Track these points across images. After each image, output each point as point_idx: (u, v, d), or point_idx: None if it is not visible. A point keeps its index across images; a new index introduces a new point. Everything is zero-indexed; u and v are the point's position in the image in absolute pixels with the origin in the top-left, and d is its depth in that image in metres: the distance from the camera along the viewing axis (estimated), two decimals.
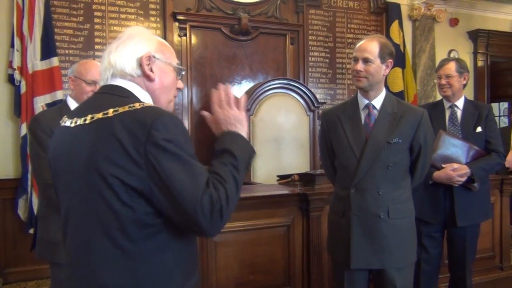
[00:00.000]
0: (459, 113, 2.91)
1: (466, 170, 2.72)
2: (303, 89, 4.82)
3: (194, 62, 4.94)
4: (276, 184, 3.65)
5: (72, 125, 1.23)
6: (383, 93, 2.26)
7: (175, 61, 1.36)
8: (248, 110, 4.53)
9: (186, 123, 4.89)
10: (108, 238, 1.14)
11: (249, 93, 4.60)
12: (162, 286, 1.19)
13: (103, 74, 1.28)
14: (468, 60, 6.63)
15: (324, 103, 5.39)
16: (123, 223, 1.14)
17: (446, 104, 2.95)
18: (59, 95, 4.11)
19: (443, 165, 2.76)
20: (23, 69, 4.04)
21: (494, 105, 7.25)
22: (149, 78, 1.27)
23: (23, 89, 4.04)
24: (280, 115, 4.70)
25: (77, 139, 1.20)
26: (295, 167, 4.38)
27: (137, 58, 1.26)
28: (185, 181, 1.12)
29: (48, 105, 4.05)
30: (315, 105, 4.85)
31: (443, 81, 2.90)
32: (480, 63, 6.70)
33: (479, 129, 2.83)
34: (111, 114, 1.15)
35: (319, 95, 5.43)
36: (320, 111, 5.08)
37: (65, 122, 1.28)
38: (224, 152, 1.26)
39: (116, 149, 1.12)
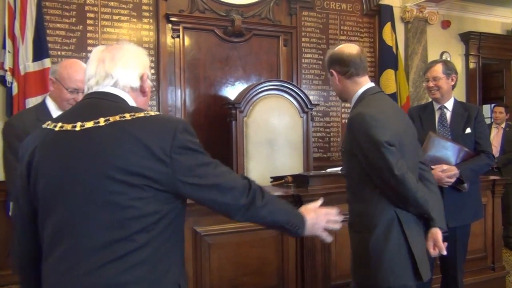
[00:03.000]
0: (448, 115, 2.93)
1: (455, 171, 2.74)
2: (297, 90, 4.82)
3: (187, 64, 4.94)
4: (269, 185, 3.65)
5: (77, 128, 1.26)
6: None
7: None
8: (241, 111, 4.53)
9: None
10: (118, 236, 1.20)
11: (242, 94, 4.60)
12: (166, 277, 1.28)
13: (96, 80, 1.35)
14: (460, 62, 6.68)
15: (318, 104, 5.40)
16: (134, 222, 1.21)
17: (436, 106, 2.98)
18: None
19: (432, 167, 2.77)
20: (15, 70, 4.01)
21: (486, 107, 7.30)
22: (144, 93, 1.42)
23: (15, 90, 4.01)
24: (273, 117, 4.70)
25: (85, 142, 1.24)
26: (288, 169, 4.39)
27: (139, 74, 1.39)
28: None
29: None
30: (309, 106, 4.86)
31: (431, 84, 2.92)
32: (471, 65, 6.75)
33: (468, 130, 2.84)
34: (129, 118, 1.25)
35: (313, 96, 5.44)
36: (313, 113, 5.11)
37: (61, 127, 1.29)
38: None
39: (140, 150, 1.21)
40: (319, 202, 1.69)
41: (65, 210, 1.23)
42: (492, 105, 7.47)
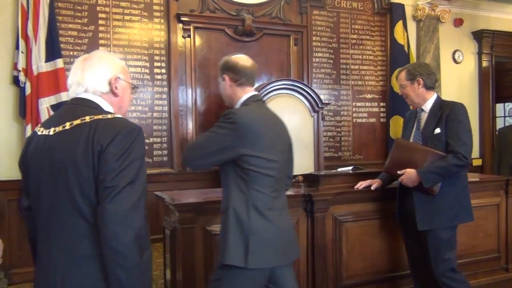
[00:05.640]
0: (424, 117, 2.90)
1: (413, 174, 2.73)
2: (307, 90, 4.81)
3: (198, 63, 4.95)
4: None
5: (51, 133, 1.50)
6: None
7: (130, 80, 1.70)
8: None
9: (190, 124, 4.90)
10: (81, 216, 1.42)
11: None
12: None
13: (73, 87, 1.58)
14: (472, 60, 6.62)
15: (328, 103, 5.38)
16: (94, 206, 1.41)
17: (418, 110, 2.98)
18: (63, 96, 4.11)
19: (398, 172, 2.82)
20: (28, 70, 4.05)
21: (499, 106, 7.23)
22: (114, 95, 1.60)
23: (28, 90, 4.05)
24: (284, 116, 4.57)
25: (58, 143, 1.47)
26: (299, 168, 4.35)
27: (108, 79, 1.58)
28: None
29: (52, 106, 4.07)
30: (319, 106, 4.85)
31: (400, 92, 3.00)
32: (484, 64, 6.67)
33: (437, 130, 2.78)
34: (88, 120, 1.46)
35: (323, 96, 5.43)
36: (324, 112, 5.10)
37: (42, 132, 1.53)
38: None
39: (88, 147, 1.41)
40: None
41: (45, 202, 1.48)
42: (506, 103, 7.41)
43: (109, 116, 1.48)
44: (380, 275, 3.29)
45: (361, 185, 3.16)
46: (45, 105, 4.06)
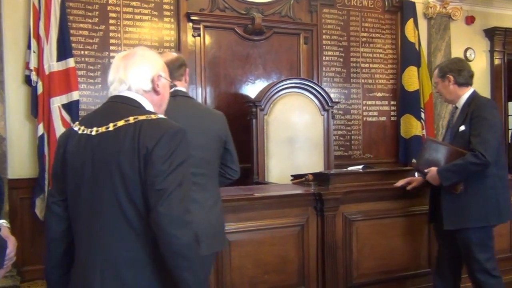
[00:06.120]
0: (457, 114, 2.89)
1: (434, 172, 2.73)
2: (317, 88, 4.80)
3: (208, 62, 4.96)
4: (290, 184, 3.65)
5: (93, 133, 1.47)
6: None
7: (169, 78, 1.67)
8: (262, 110, 4.53)
9: None
10: (125, 219, 1.41)
11: (263, 93, 4.60)
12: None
13: (115, 85, 1.55)
14: (484, 58, 6.55)
15: (339, 102, 5.36)
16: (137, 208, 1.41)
17: (453, 107, 2.98)
18: (75, 95, 4.15)
19: (425, 170, 2.82)
20: (39, 70, 4.09)
21: (511, 104, 7.14)
22: (156, 93, 1.57)
23: (39, 89, 4.08)
24: (294, 115, 4.69)
25: (101, 145, 1.45)
26: (309, 167, 4.37)
27: (151, 76, 1.55)
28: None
29: (64, 105, 4.11)
30: (329, 104, 4.83)
31: (435, 90, 3.03)
32: (497, 62, 6.60)
33: (462, 127, 2.75)
34: (132, 121, 1.44)
35: (333, 94, 5.41)
36: (334, 111, 5.08)
37: (82, 131, 1.50)
38: None
39: (133, 150, 1.39)
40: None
41: (85, 198, 1.46)
42: None
43: (153, 116, 1.46)
44: (391, 274, 3.27)
45: (400, 183, 3.14)
46: (57, 104, 4.09)
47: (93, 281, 1.42)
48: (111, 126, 1.44)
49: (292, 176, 3.75)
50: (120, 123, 1.44)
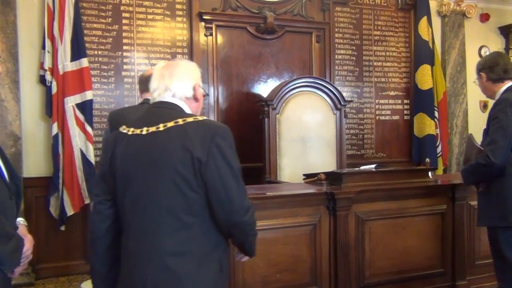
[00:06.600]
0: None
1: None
2: (330, 87, 4.78)
3: (220, 62, 4.97)
4: (302, 183, 3.64)
5: (144, 132, 1.60)
6: None
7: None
8: (274, 109, 4.53)
9: None
10: (176, 212, 1.52)
11: (275, 91, 4.60)
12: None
13: (159, 91, 1.68)
14: None
15: (351, 101, 5.34)
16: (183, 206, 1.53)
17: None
18: (88, 95, 4.19)
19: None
20: (54, 70, 4.14)
21: None
22: (196, 100, 1.73)
23: (54, 89, 4.13)
24: (306, 114, 4.68)
25: (153, 143, 1.57)
26: (321, 166, 4.35)
27: (193, 85, 1.70)
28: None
29: (77, 105, 4.15)
30: (342, 103, 4.81)
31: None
32: None
33: (485, 126, 2.74)
34: (181, 123, 1.57)
35: (346, 93, 5.38)
36: (347, 110, 5.06)
37: (132, 132, 1.63)
38: None
39: (185, 148, 1.51)
40: None
41: (135, 193, 1.57)
42: None
43: (199, 118, 1.60)
44: (404, 274, 3.25)
45: None
46: (71, 103, 4.14)
47: (143, 269, 1.52)
48: (161, 127, 1.57)
49: (304, 175, 3.74)
50: (170, 123, 1.57)
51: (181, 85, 1.68)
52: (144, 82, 2.79)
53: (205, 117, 1.65)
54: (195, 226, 1.53)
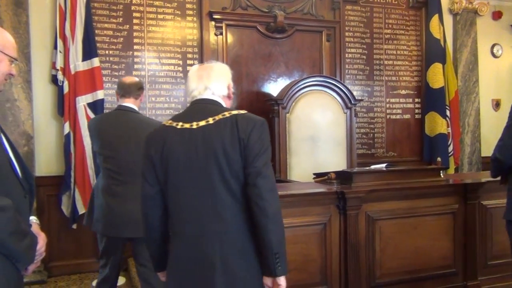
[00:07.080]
0: None
1: None
2: (340, 86, 4.76)
3: (230, 61, 4.97)
4: (312, 182, 3.63)
5: (194, 126, 1.78)
6: None
7: None
8: (284, 108, 4.52)
9: None
10: (232, 194, 1.73)
11: (285, 91, 4.59)
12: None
13: (199, 90, 1.88)
14: (511, 54, 6.40)
15: (362, 100, 5.32)
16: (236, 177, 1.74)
17: None
18: (100, 94, 4.22)
19: None
20: (65, 69, 4.17)
21: None
22: (229, 97, 1.95)
23: (66, 89, 4.17)
24: (316, 113, 4.67)
25: (206, 135, 1.75)
26: (331, 165, 4.34)
27: (227, 84, 1.93)
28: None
29: (89, 104, 4.18)
30: (352, 102, 4.79)
31: None
32: None
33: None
34: (228, 115, 1.78)
35: (356, 92, 5.36)
36: (357, 108, 5.03)
37: (182, 126, 1.80)
38: None
39: (233, 137, 1.72)
40: None
41: (193, 184, 1.75)
42: None
43: (242, 112, 1.81)
44: (415, 274, 3.23)
45: None
46: (82, 103, 4.17)
47: (212, 247, 1.71)
48: (210, 120, 1.77)
49: (314, 174, 3.73)
50: (218, 117, 1.77)
51: (218, 85, 1.89)
52: (123, 87, 2.90)
53: (246, 112, 1.83)
54: (242, 203, 1.74)
